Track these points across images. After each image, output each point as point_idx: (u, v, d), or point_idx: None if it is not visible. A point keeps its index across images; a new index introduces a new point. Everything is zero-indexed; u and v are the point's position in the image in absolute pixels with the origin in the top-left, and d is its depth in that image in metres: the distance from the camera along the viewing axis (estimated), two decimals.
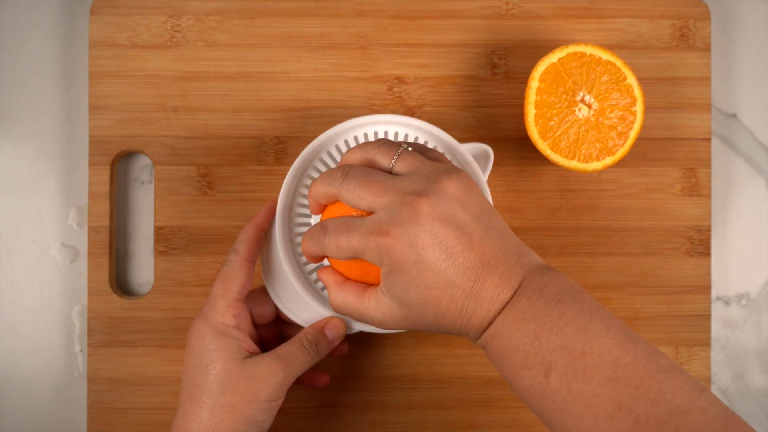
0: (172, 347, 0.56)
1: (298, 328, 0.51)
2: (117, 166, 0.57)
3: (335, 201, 0.43)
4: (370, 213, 0.41)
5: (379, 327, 0.43)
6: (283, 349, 0.47)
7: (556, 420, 0.38)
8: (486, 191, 0.49)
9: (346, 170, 0.42)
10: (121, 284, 0.58)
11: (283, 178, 0.48)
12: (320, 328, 0.48)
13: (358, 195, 0.41)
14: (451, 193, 0.40)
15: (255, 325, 0.50)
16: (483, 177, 0.49)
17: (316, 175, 0.49)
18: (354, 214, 0.42)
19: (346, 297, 0.43)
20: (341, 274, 0.44)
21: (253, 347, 0.47)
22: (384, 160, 0.42)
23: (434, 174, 0.40)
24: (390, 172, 0.42)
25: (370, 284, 0.44)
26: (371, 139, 0.50)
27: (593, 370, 0.37)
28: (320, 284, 0.49)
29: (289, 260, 0.49)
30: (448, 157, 0.50)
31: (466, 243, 0.39)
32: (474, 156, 0.50)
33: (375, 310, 0.42)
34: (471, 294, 0.40)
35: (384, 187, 0.40)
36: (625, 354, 0.37)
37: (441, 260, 0.39)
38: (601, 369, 0.37)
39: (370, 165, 0.43)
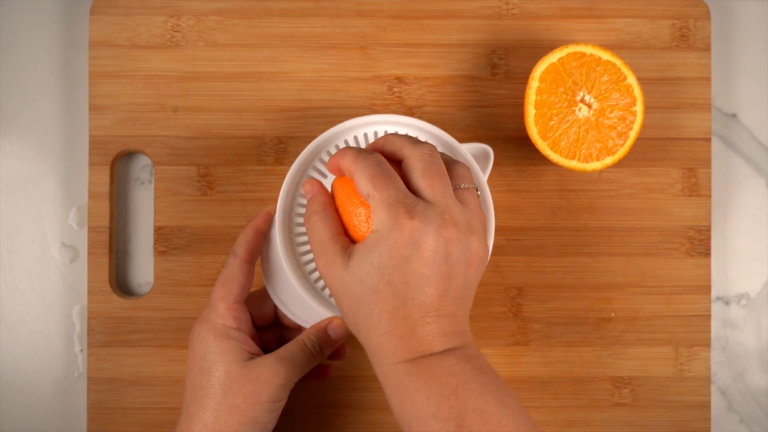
0: (172, 347, 0.56)
1: (297, 331, 0.51)
2: (117, 166, 0.57)
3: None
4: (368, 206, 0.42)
5: (319, 272, 0.43)
6: (286, 350, 0.47)
7: None
8: (486, 191, 0.49)
9: (430, 151, 0.43)
10: (121, 284, 0.58)
11: (283, 178, 0.48)
12: (323, 328, 0.48)
13: (423, 174, 0.42)
14: (471, 250, 0.41)
15: (255, 326, 0.50)
16: (483, 177, 0.49)
17: (316, 175, 0.49)
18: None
19: (324, 223, 0.43)
20: (336, 207, 0.44)
21: (255, 348, 0.47)
22: (459, 179, 0.44)
23: (476, 226, 0.42)
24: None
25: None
26: (371, 139, 0.50)
27: None
28: (321, 284, 0.49)
29: (289, 261, 0.49)
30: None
31: (442, 289, 0.40)
32: (474, 156, 0.50)
33: (332, 256, 0.42)
34: (409, 322, 0.40)
35: (443, 189, 0.41)
36: None
37: (415, 277, 0.40)
38: None
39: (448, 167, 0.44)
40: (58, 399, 0.58)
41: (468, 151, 0.50)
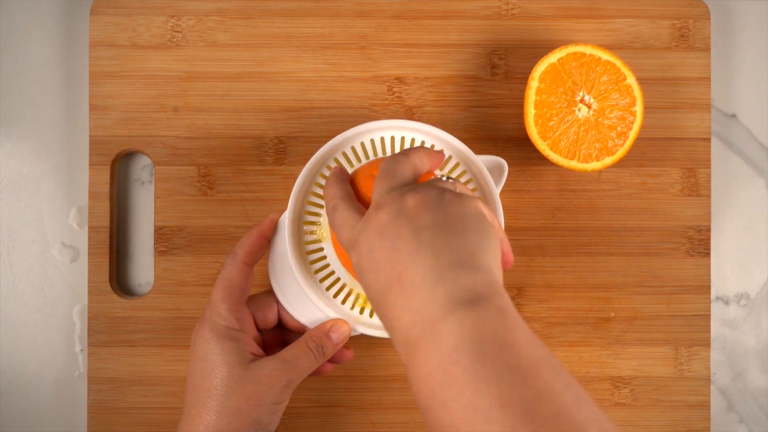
0: (172, 347, 0.56)
1: (299, 334, 0.51)
2: (117, 166, 0.57)
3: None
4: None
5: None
6: (288, 351, 0.47)
7: None
8: (498, 204, 0.49)
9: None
10: (121, 284, 0.58)
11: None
12: (325, 330, 0.49)
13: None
14: (406, 208, 0.37)
15: (258, 329, 0.50)
16: (496, 189, 0.50)
17: (328, 174, 0.50)
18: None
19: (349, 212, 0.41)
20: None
21: (257, 349, 0.47)
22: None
23: (404, 192, 0.39)
24: None
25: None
26: (378, 145, 0.50)
27: None
28: (326, 284, 0.50)
29: (298, 261, 0.49)
30: (462, 167, 0.50)
31: (392, 258, 0.36)
32: (488, 168, 0.50)
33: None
34: (387, 317, 0.37)
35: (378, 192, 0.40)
36: None
37: (371, 272, 0.37)
38: None
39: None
40: (58, 399, 0.58)
41: (483, 162, 0.50)
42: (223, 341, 0.46)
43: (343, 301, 0.50)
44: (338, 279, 0.50)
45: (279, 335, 0.52)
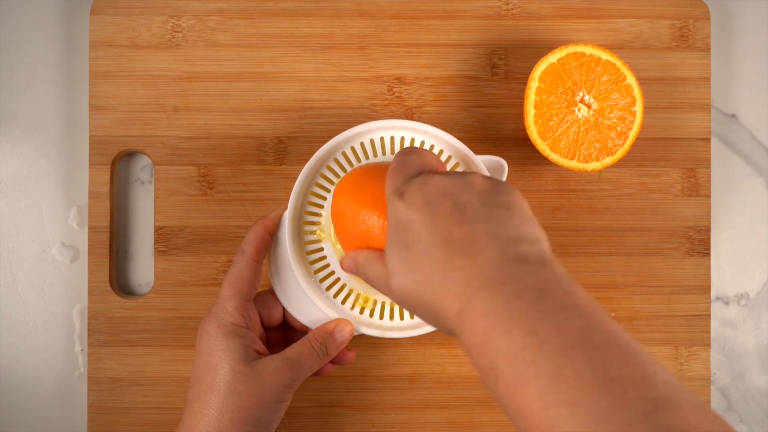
0: (172, 347, 0.56)
1: (304, 333, 0.51)
2: (117, 166, 0.57)
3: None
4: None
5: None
6: (292, 350, 0.47)
7: None
8: None
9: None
10: (121, 284, 0.58)
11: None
12: (329, 329, 0.49)
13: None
14: (471, 181, 0.39)
15: (263, 326, 0.50)
16: None
17: (329, 175, 0.50)
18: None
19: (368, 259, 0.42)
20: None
21: (262, 347, 0.48)
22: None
23: (467, 172, 0.40)
24: None
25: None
26: (378, 144, 0.50)
27: (531, 383, 0.32)
28: (326, 283, 0.50)
29: (297, 261, 0.49)
30: (462, 168, 0.50)
31: (457, 219, 0.37)
32: (488, 168, 0.50)
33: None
34: (442, 270, 0.37)
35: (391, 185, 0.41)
36: (568, 363, 0.32)
37: (425, 224, 0.37)
38: (539, 382, 0.32)
39: None
40: (58, 399, 0.58)
41: (482, 163, 0.50)
42: (228, 338, 0.46)
43: (343, 301, 0.50)
44: (338, 279, 0.50)
45: (283, 334, 0.52)
